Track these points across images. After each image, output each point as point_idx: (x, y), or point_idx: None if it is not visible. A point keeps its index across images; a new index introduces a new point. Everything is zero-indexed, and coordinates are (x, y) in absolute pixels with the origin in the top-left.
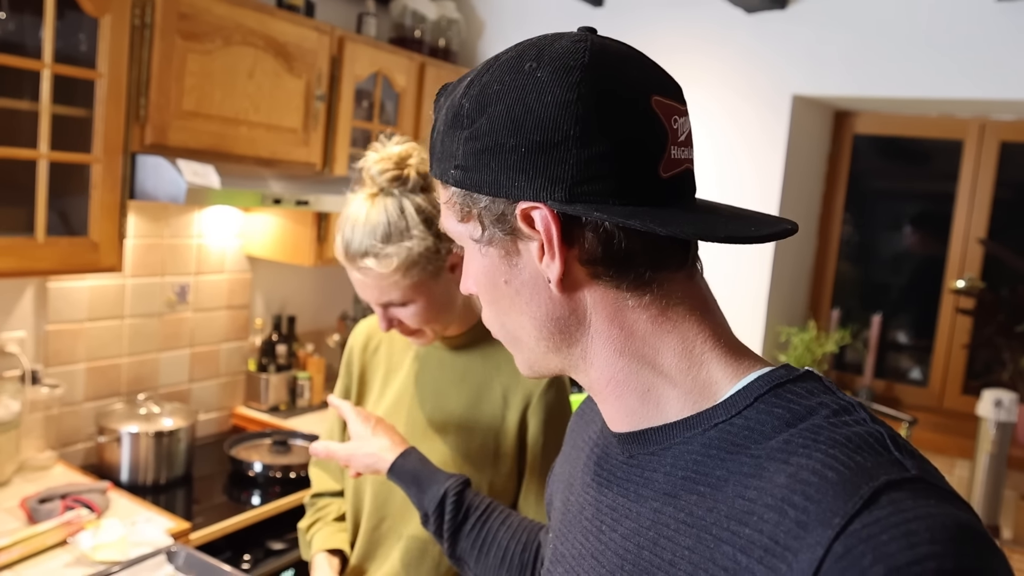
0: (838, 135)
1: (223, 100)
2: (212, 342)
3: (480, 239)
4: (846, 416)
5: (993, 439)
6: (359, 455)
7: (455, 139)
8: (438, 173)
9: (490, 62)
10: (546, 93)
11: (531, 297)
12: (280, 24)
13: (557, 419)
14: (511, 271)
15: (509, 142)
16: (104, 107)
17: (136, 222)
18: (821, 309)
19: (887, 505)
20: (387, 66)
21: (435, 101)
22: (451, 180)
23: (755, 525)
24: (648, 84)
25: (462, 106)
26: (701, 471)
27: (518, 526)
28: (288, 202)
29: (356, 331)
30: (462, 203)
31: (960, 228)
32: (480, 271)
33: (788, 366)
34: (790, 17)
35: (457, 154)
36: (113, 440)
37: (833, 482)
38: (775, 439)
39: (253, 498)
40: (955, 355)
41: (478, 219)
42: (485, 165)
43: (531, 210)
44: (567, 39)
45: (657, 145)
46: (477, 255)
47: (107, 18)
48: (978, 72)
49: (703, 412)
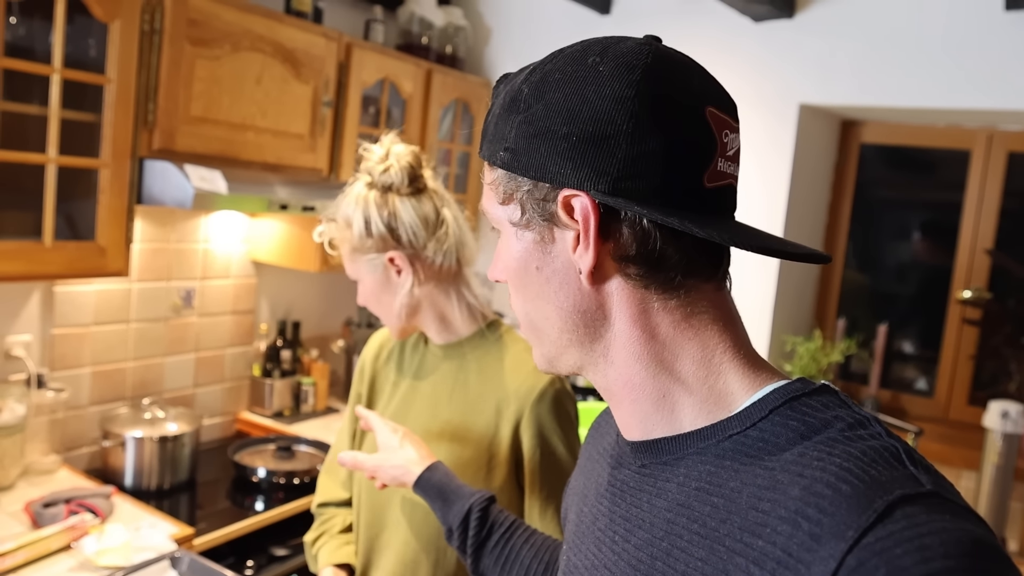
0: (845, 144)
1: (231, 106)
2: (217, 347)
3: (518, 222)
4: (861, 430)
5: (999, 451)
6: (386, 467)
7: (509, 122)
8: (487, 155)
9: (555, 53)
10: (605, 87)
11: (560, 286)
12: (288, 30)
13: (553, 431)
14: (544, 258)
15: (561, 129)
16: (113, 112)
17: (143, 227)
18: (827, 319)
19: (901, 519)
20: (394, 73)
21: (494, 88)
22: (498, 162)
23: (768, 537)
24: (705, 95)
25: (521, 91)
26: (715, 482)
27: (541, 545)
28: (294, 208)
29: (370, 341)
30: (506, 185)
31: (967, 238)
32: (513, 256)
33: (804, 379)
34: (798, 26)
35: (508, 137)
36: (118, 444)
37: (847, 495)
38: (790, 451)
39: (257, 504)
40: (961, 366)
41: (519, 203)
42: (535, 149)
43: (572, 198)
44: (633, 41)
45: (705, 154)
46: (512, 239)
47: (117, 23)
48: (986, 82)
49: (718, 423)
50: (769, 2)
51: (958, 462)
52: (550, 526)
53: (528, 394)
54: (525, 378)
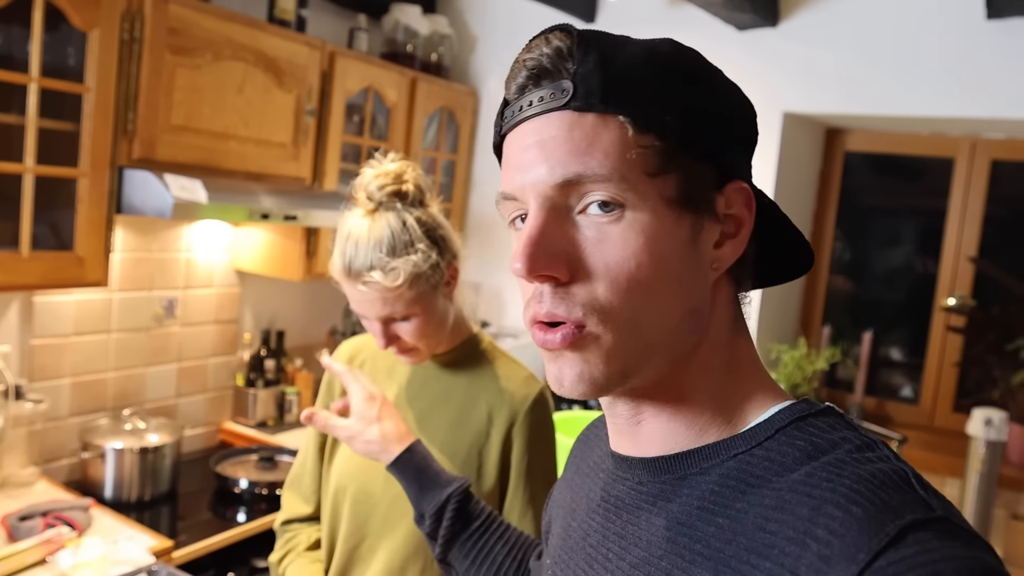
0: (829, 152)
1: (212, 115)
2: (200, 357)
3: (676, 199)
4: (869, 452)
5: (983, 458)
6: (361, 439)
7: (675, 88)
8: (638, 113)
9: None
10: (741, 94)
11: (694, 282)
12: (271, 39)
13: (542, 438)
14: (687, 248)
15: (735, 120)
16: (92, 121)
17: (124, 236)
18: (812, 326)
19: (913, 544)
20: (378, 81)
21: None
22: (664, 128)
23: (776, 559)
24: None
25: (681, 56)
26: (719, 502)
27: (515, 542)
28: (276, 217)
29: (339, 352)
30: (661, 155)
31: (951, 246)
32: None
33: (809, 400)
34: (781, 35)
35: (676, 105)
36: (97, 456)
37: (858, 517)
38: (797, 472)
39: (239, 515)
40: (946, 373)
41: (678, 181)
42: (715, 128)
43: (740, 190)
44: None
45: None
46: (654, 217)
47: (96, 32)
48: (969, 90)
49: (722, 442)
50: (753, 11)
51: (942, 469)
52: (528, 528)
53: (523, 401)
54: (520, 386)
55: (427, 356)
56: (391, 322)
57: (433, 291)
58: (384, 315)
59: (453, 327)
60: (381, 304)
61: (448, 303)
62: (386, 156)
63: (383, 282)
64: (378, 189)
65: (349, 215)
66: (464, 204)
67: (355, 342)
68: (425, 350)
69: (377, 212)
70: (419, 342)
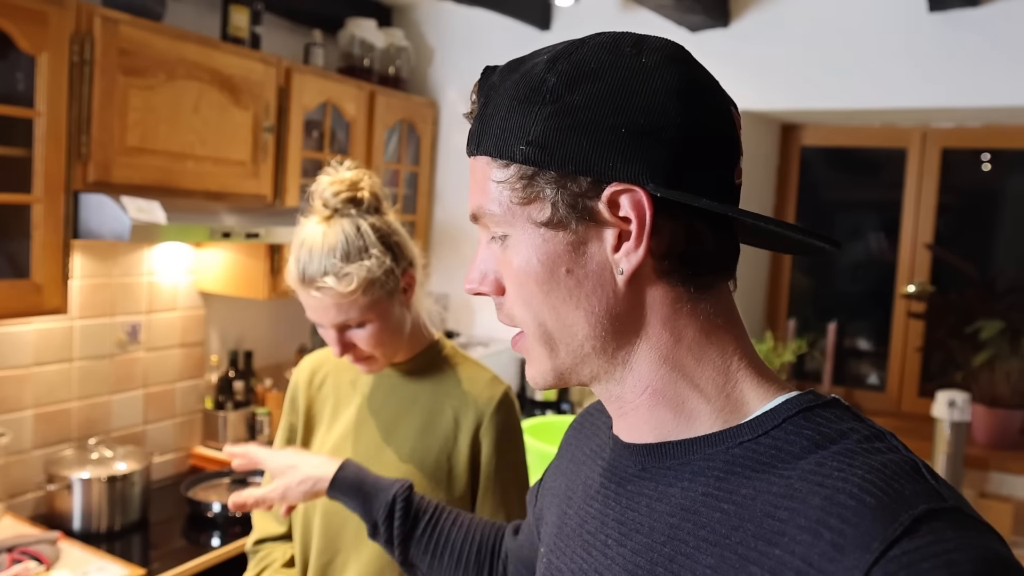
0: (786, 148)
1: (168, 135)
2: (166, 381)
3: (548, 222)
4: (878, 443)
5: (949, 439)
6: (293, 485)
7: (529, 114)
8: (496, 150)
9: (573, 43)
10: (653, 79)
11: (593, 290)
12: (225, 57)
13: (509, 438)
14: (576, 260)
15: (607, 121)
16: (44, 146)
17: (83, 262)
18: (778, 320)
19: (928, 534)
20: (336, 95)
21: (482, 81)
22: (519, 157)
23: (786, 546)
24: (726, 94)
25: (545, 80)
26: (725, 488)
27: (470, 525)
28: (238, 235)
29: (300, 367)
30: (527, 183)
31: (908, 234)
32: (535, 259)
33: (815, 392)
34: (733, 35)
35: (532, 130)
36: (64, 488)
37: (872, 507)
38: (806, 460)
39: (213, 540)
40: (910, 359)
41: (549, 201)
42: (573, 142)
43: (622, 193)
44: (657, 37)
45: (734, 152)
46: (533, 242)
47: (44, 56)
48: (916, 82)
49: (728, 429)
50: (704, 12)
51: None
52: None
53: (488, 403)
54: (484, 388)
55: (384, 365)
56: (346, 329)
57: (388, 298)
58: (338, 322)
59: (411, 334)
60: (335, 311)
61: (405, 311)
62: (343, 164)
63: (336, 288)
64: (333, 196)
65: (305, 222)
66: (429, 215)
67: (316, 356)
68: (382, 358)
69: (332, 219)
70: (375, 350)
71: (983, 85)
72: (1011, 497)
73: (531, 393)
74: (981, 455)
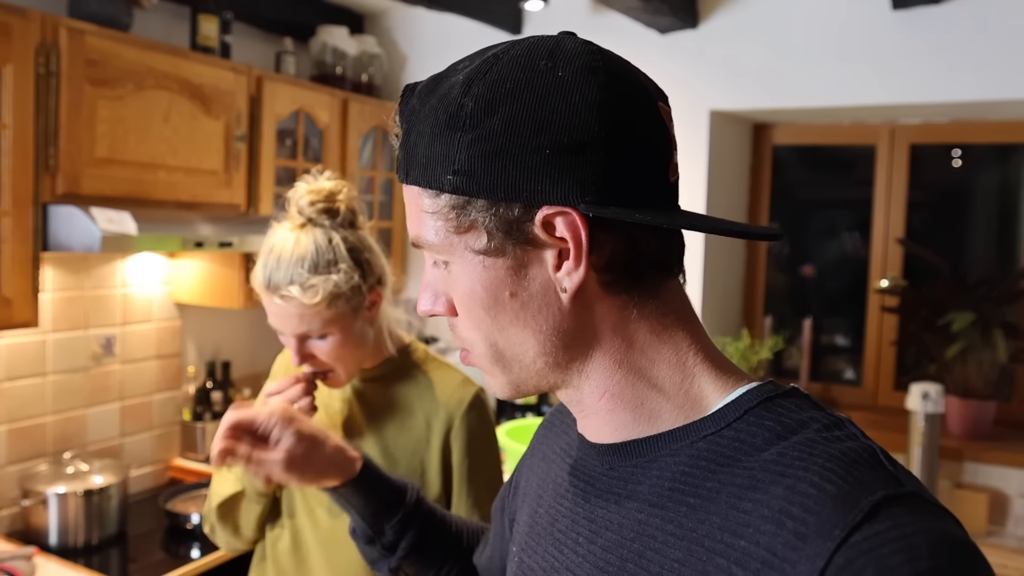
0: (758, 147)
1: (138, 145)
2: (143, 394)
3: (485, 250)
4: (837, 431)
5: (923, 431)
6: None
7: (452, 142)
8: (424, 180)
9: (488, 60)
10: (572, 93)
11: (539, 310)
12: (194, 66)
13: (481, 439)
14: (519, 283)
15: (531, 143)
16: (10, 159)
17: (54, 275)
18: (754, 318)
19: (887, 519)
20: (308, 103)
21: (401, 105)
22: (447, 187)
23: (751, 537)
24: (652, 90)
25: (463, 106)
26: (690, 483)
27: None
28: (211, 244)
29: (276, 364)
30: (460, 212)
31: (880, 230)
32: (477, 286)
33: (774, 382)
34: (702, 35)
35: (456, 158)
36: (39, 503)
37: (832, 495)
38: (768, 451)
39: (192, 551)
40: (884, 353)
41: (483, 229)
42: (499, 169)
43: (555, 215)
44: (571, 40)
45: (667, 150)
46: (473, 269)
47: (9, 68)
48: (882, 78)
49: (691, 424)
50: (672, 13)
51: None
52: None
53: (459, 405)
54: (454, 390)
55: (345, 380)
56: (306, 339)
57: (352, 313)
58: (299, 332)
59: (374, 346)
60: (297, 320)
61: (367, 326)
62: (322, 174)
63: (301, 298)
64: (309, 204)
65: (277, 227)
66: (404, 222)
67: (284, 361)
68: (342, 372)
69: (305, 227)
70: (334, 363)
71: (948, 81)
72: (986, 487)
73: None
74: (956, 446)
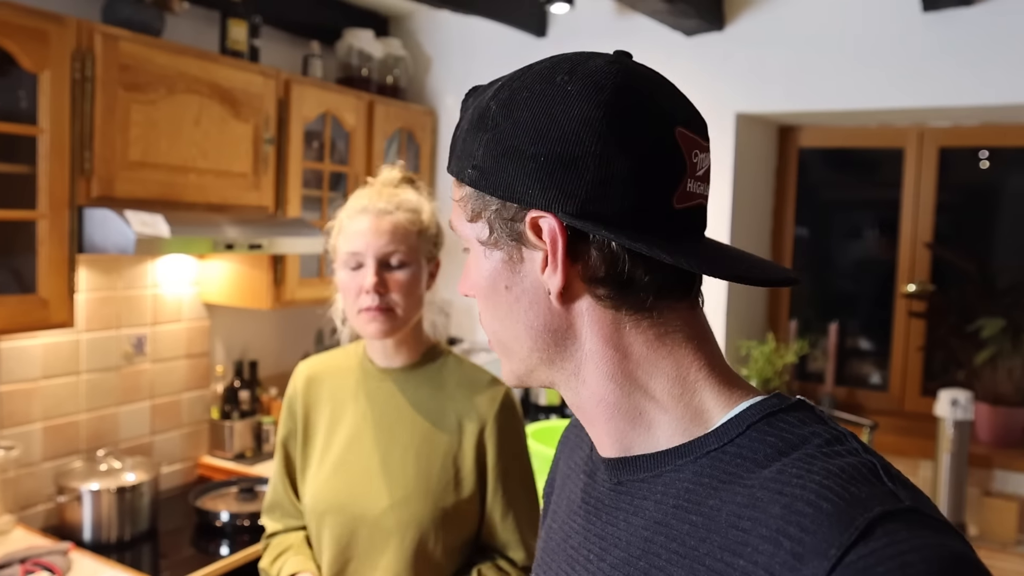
0: (784, 149)
1: (170, 149)
2: (173, 392)
3: (487, 241)
4: (838, 446)
5: (952, 438)
6: None
7: (477, 140)
8: (455, 171)
9: (524, 69)
10: (573, 107)
11: (530, 306)
12: (224, 70)
13: (513, 439)
14: (513, 277)
15: (529, 149)
16: (48, 162)
17: (88, 276)
18: (779, 321)
19: (882, 536)
20: (335, 106)
21: (463, 101)
22: (467, 179)
23: (749, 556)
24: (675, 115)
25: (488, 108)
26: (693, 500)
27: None
28: (241, 247)
29: (296, 373)
30: (474, 204)
31: (907, 234)
32: (482, 274)
33: (780, 395)
34: (728, 38)
35: (476, 154)
36: (74, 499)
37: (828, 513)
38: (768, 468)
39: (222, 548)
40: (911, 358)
41: (487, 221)
42: (503, 168)
43: (540, 219)
44: (603, 59)
45: (674, 175)
46: (481, 258)
47: (46, 74)
48: (911, 81)
49: (695, 440)
50: (698, 16)
51: (914, 452)
52: (509, 529)
53: (490, 406)
54: (484, 391)
55: (401, 323)
56: (387, 266)
57: (425, 261)
58: (388, 251)
59: (415, 330)
60: (389, 238)
61: (424, 292)
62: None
63: (401, 215)
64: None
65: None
66: None
67: (312, 362)
68: (401, 315)
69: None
70: (401, 298)
71: (979, 83)
72: (1015, 495)
73: (535, 398)
74: (985, 453)
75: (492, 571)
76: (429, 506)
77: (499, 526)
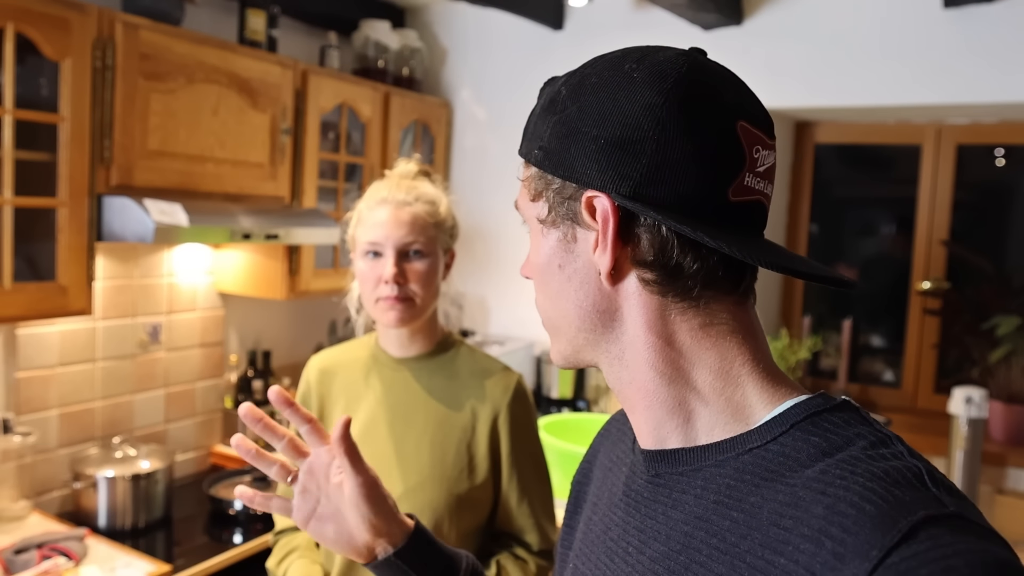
0: (800, 145)
1: (188, 138)
2: (187, 381)
3: (545, 220)
4: (883, 449)
5: (966, 436)
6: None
7: (546, 122)
8: (524, 152)
9: (597, 58)
10: (636, 93)
11: (580, 285)
12: (243, 60)
13: (526, 427)
14: (566, 256)
15: (591, 131)
16: (68, 150)
17: (105, 264)
18: (793, 317)
19: (925, 540)
20: (352, 97)
21: (541, 90)
22: (533, 159)
23: (791, 555)
24: (739, 109)
25: (559, 92)
26: (734, 496)
27: None
28: (257, 236)
29: (309, 366)
30: (536, 183)
31: (923, 231)
32: (540, 253)
33: (825, 395)
34: (746, 33)
35: (544, 136)
36: (89, 486)
37: (871, 515)
38: (811, 468)
39: (235, 536)
40: (925, 355)
41: (547, 201)
42: (565, 149)
43: (594, 199)
44: (673, 51)
45: (732, 168)
46: (539, 236)
47: (68, 62)
48: (930, 78)
49: (737, 436)
50: (717, 10)
51: (928, 450)
52: (525, 514)
53: (503, 394)
54: (498, 380)
55: (419, 312)
56: (406, 256)
57: (442, 252)
58: (407, 240)
59: (431, 321)
60: (408, 229)
61: (440, 282)
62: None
63: (420, 207)
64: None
65: None
66: None
67: (325, 355)
68: (419, 304)
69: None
70: (419, 288)
71: (999, 80)
72: None
73: (547, 391)
74: (999, 451)
75: (510, 561)
76: (443, 492)
77: (515, 511)
